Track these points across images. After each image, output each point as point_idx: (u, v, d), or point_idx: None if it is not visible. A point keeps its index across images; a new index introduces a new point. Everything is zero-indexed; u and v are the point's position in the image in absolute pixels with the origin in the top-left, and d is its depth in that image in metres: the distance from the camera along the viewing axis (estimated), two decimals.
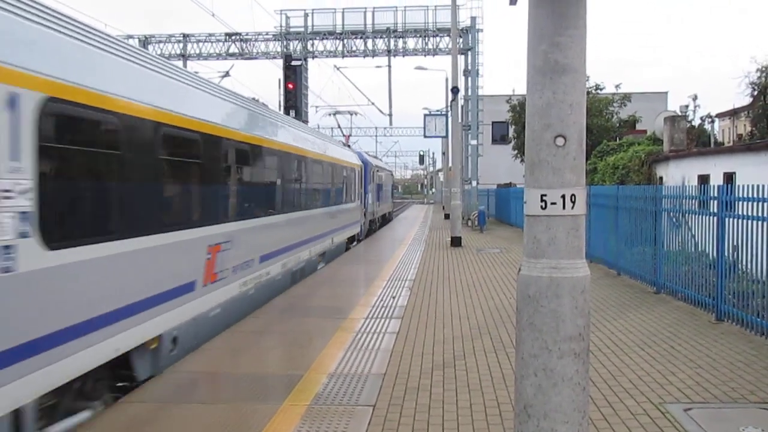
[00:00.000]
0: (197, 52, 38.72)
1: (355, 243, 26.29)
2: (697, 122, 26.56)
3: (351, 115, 47.74)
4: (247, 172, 11.96)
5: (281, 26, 38.39)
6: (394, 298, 12.54)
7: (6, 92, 5.34)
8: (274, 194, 13.62)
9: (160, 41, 38.76)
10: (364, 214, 30.23)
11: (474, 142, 38.19)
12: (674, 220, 12.44)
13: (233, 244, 10.49)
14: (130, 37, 36.61)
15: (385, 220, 43.24)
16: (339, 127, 44.08)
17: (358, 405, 6.47)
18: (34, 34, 5.89)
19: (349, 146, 33.43)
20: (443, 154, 53.46)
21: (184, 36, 38.68)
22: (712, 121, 30.90)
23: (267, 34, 38.70)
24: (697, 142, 23.66)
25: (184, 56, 38.24)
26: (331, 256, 20.17)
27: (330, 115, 45.25)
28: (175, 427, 5.93)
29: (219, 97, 10.79)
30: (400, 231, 32.29)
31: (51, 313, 5.82)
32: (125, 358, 7.17)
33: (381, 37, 37.67)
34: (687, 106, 27.55)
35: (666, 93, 52.36)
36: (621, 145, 27.21)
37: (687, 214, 11.85)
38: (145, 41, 38.24)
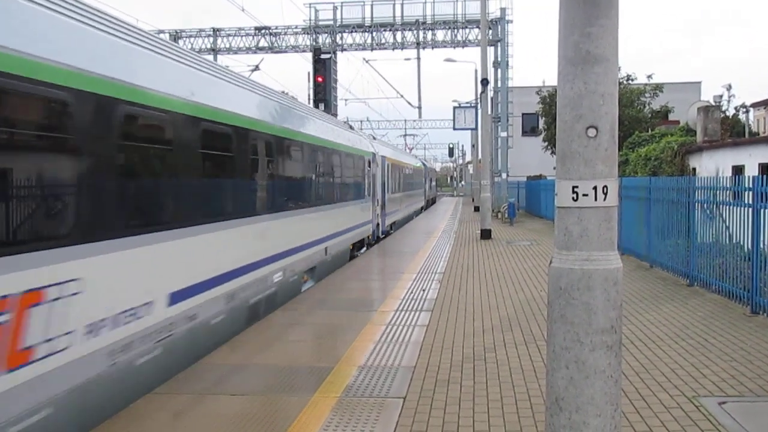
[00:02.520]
0: (227, 46, 38.96)
1: (422, 211, 47.43)
2: (731, 112, 26.16)
3: (414, 136, 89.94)
4: (407, 175, 36.42)
5: (310, 20, 38.45)
6: (424, 290, 12.54)
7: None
8: (410, 183, 37.87)
9: (191, 36, 39.05)
10: (425, 195, 53.69)
11: (504, 134, 38.00)
12: (708, 211, 12.28)
13: (401, 199, 33.06)
14: (161, 32, 36.92)
15: (433, 201, 66.28)
16: (406, 144, 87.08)
17: (388, 397, 6.48)
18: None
19: (415, 156, 62.20)
20: (473, 146, 53.30)
21: (215, 30, 38.93)
22: (747, 111, 30.39)
23: (296, 27, 38.80)
24: (732, 132, 23.30)
25: (215, 50, 38.50)
26: (416, 214, 41.83)
27: (401, 136, 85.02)
28: (209, 418, 5.99)
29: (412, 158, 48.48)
30: (431, 223, 32.33)
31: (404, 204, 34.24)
32: (392, 225, 28.57)
33: (410, 30, 37.59)
34: (721, 96, 27.22)
35: (699, 83, 51.53)
36: (653, 136, 26.88)
37: (721, 206, 11.69)
38: (176, 36, 38.55)
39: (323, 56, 26.82)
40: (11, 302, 4.97)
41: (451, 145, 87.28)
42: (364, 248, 21.05)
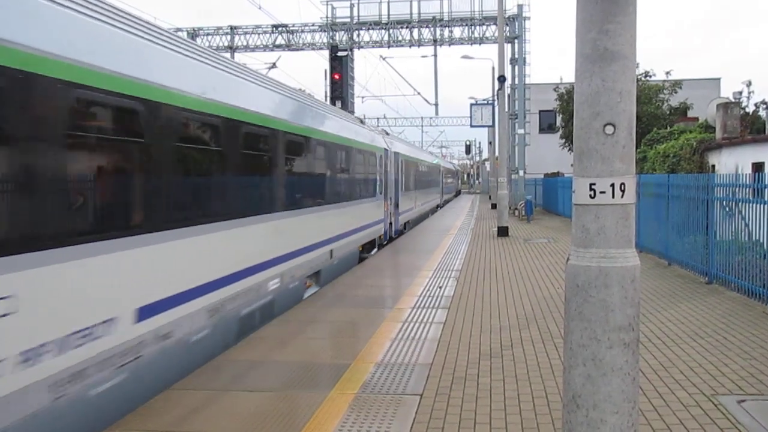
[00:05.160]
0: (244, 44, 39.04)
1: (454, 197, 72.45)
2: (751, 109, 25.77)
3: (446, 149, 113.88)
4: (449, 175, 69.71)
5: (327, 17, 38.48)
6: (440, 288, 12.54)
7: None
8: (451, 179, 73.47)
9: (208, 34, 39.20)
10: (456, 186, 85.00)
11: (521, 131, 37.86)
12: (727, 209, 12.20)
13: (447, 188, 61.78)
14: (179, 30, 37.07)
15: (458, 192, 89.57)
16: (441, 152, 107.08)
17: (405, 394, 6.50)
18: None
19: (451, 162, 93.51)
20: (490, 143, 53.14)
21: (232, 28, 39.04)
22: (767, 108, 30.01)
23: (313, 25, 38.84)
24: (751, 129, 23.01)
25: (232, 48, 38.61)
26: (451, 197, 68.79)
27: (439, 148, 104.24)
28: (226, 415, 6.03)
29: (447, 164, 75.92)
30: (448, 220, 32.27)
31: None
32: (445, 201, 56.63)
33: (427, 27, 37.52)
34: (740, 93, 26.78)
35: (719, 79, 51.14)
36: (672, 133, 26.66)
37: (740, 203, 11.60)
38: (193, 34, 38.69)
39: (340, 53, 26.83)
40: (384, 205, 21.61)
41: (467, 143, 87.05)
42: (439, 208, 46.42)
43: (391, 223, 22.43)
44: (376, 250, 19.91)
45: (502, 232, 23.63)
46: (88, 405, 5.70)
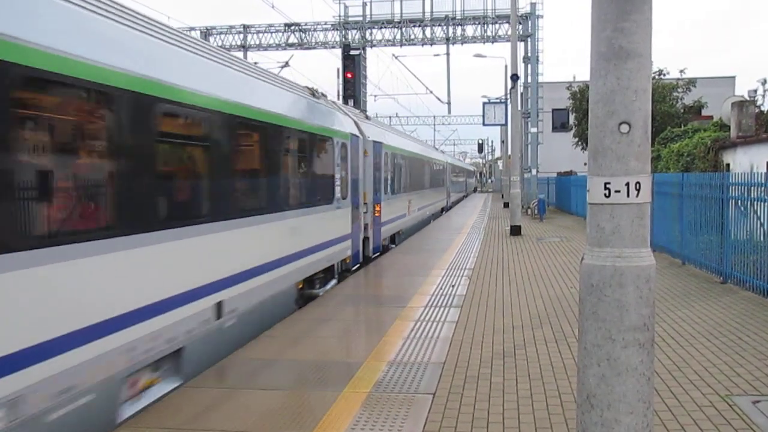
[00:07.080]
0: (257, 42, 39.13)
1: (474, 192, 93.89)
2: (766, 107, 25.57)
3: (464, 151, 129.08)
4: (469, 175, 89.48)
5: (340, 16, 38.51)
6: (453, 286, 12.53)
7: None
8: (470, 177, 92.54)
9: (221, 32, 39.29)
10: (475, 182, 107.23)
11: (534, 129, 37.78)
12: (742, 208, 12.12)
13: (470, 184, 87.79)
14: (192, 29, 37.19)
15: (475, 188, 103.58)
16: (456, 154, 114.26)
17: (417, 393, 6.50)
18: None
19: (470, 164, 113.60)
20: (502, 142, 53.07)
21: (245, 27, 39.13)
22: None
23: (326, 23, 38.88)
24: (767, 127, 22.86)
25: (245, 47, 38.69)
26: (470, 193, 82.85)
27: (459, 154, 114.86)
28: (239, 413, 6.05)
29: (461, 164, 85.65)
30: (461, 219, 32.27)
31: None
32: (468, 193, 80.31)
33: (439, 25, 37.47)
34: (755, 91, 26.58)
35: (733, 77, 50.82)
36: (686, 131, 26.49)
37: (755, 202, 11.53)
38: (206, 33, 38.79)
39: (352, 52, 26.86)
40: (445, 191, 44.18)
41: (480, 141, 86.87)
42: (466, 197, 68.11)
43: (446, 202, 42.06)
44: (442, 212, 38.52)
45: (515, 230, 23.59)
46: (411, 229, 25.38)
